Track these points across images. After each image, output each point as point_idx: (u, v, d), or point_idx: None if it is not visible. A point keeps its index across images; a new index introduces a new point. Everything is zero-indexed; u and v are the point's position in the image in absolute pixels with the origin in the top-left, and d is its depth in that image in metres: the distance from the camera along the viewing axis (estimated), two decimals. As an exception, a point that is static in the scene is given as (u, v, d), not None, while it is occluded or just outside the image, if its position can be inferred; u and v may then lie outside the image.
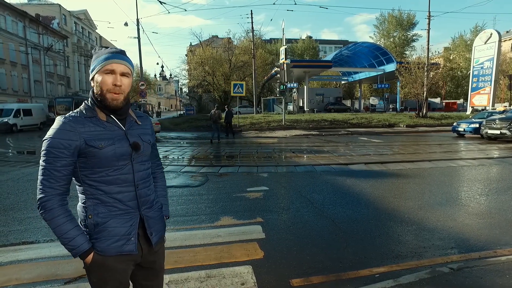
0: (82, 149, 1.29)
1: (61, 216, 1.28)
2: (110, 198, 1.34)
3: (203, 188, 6.15)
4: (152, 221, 1.46)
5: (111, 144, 1.32)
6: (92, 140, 1.30)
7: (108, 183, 1.34)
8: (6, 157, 10.71)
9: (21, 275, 2.89)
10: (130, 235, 1.37)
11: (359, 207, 4.87)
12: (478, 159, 9.06)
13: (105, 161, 1.32)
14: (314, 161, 8.98)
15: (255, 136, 17.22)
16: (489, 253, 3.20)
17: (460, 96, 48.46)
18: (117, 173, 1.34)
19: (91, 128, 1.32)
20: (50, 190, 1.28)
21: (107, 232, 1.33)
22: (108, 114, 1.36)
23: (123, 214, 1.37)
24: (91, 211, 1.34)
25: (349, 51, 37.80)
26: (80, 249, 1.29)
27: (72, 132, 1.28)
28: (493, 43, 25.05)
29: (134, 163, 1.39)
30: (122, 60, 1.34)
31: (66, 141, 1.26)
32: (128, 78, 1.36)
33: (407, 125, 21.12)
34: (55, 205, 1.28)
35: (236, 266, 3.01)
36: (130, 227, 1.38)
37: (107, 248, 1.33)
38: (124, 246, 1.35)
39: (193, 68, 39.48)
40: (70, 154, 1.28)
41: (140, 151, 1.40)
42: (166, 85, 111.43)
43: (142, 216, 1.41)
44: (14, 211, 4.85)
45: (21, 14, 35.91)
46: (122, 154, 1.35)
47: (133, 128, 1.42)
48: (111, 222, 1.34)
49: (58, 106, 29.71)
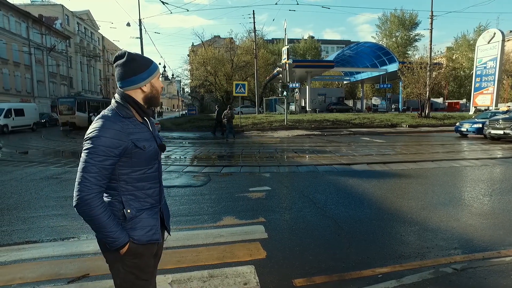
0: (129, 149, 1.40)
1: (104, 213, 1.36)
2: (143, 194, 1.49)
3: (205, 188, 6.16)
4: (165, 213, 1.67)
5: (151, 145, 1.48)
6: (138, 141, 1.43)
7: (142, 180, 1.48)
8: (11, 157, 10.77)
9: (24, 274, 2.91)
10: (156, 226, 1.53)
11: (362, 207, 4.86)
12: (481, 159, 9.02)
13: (146, 160, 1.47)
14: (317, 161, 8.97)
15: (257, 136, 17.22)
16: (493, 254, 3.19)
17: (463, 96, 48.21)
18: (150, 171, 1.50)
19: (134, 130, 1.44)
20: (96, 187, 1.34)
21: (141, 223, 1.47)
22: (143, 116, 1.51)
23: (151, 207, 1.52)
24: (127, 206, 1.45)
25: (351, 51, 37.71)
26: (121, 241, 1.40)
27: (122, 133, 1.38)
28: (497, 43, 24.89)
29: (159, 162, 1.58)
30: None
31: (117, 141, 1.36)
32: None
33: (410, 125, 21.04)
34: (99, 203, 1.35)
35: (239, 266, 3.01)
36: (156, 219, 1.55)
37: (141, 237, 1.46)
38: (154, 235, 1.51)
39: (195, 68, 39.55)
40: (118, 154, 1.38)
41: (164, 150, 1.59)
42: (168, 85, 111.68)
43: (162, 209, 1.61)
44: (18, 210, 4.87)
45: (24, 15, 36.11)
46: (155, 154, 1.52)
47: (153, 129, 1.58)
48: (144, 214, 1.49)
49: (61, 106, 29.78)
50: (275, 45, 53.91)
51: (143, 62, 1.48)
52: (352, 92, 53.82)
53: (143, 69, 1.47)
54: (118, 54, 1.49)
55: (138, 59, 1.47)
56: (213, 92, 41.48)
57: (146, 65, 1.48)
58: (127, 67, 1.45)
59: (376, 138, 15.48)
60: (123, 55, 1.47)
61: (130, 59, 1.45)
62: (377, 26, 53.87)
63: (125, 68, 1.45)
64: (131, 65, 1.45)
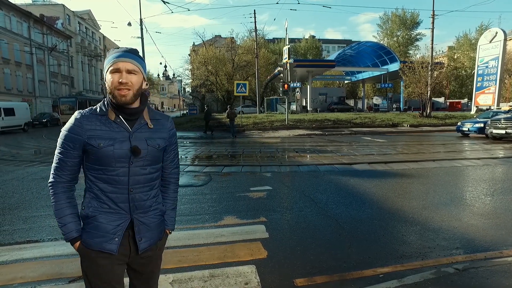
0: (84, 145, 1.36)
1: (62, 201, 1.39)
2: (104, 196, 1.39)
3: (206, 188, 6.16)
4: (144, 227, 1.44)
5: (110, 145, 1.35)
6: (92, 138, 1.35)
7: (103, 181, 1.38)
8: (12, 156, 10.79)
9: (26, 274, 2.91)
10: (114, 235, 1.39)
11: (363, 207, 4.85)
12: (483, 159, 8.99)
13: (103, 160, 1.36)
14: (318, 160, 8.96)
15: (258, 135, 17.21)
16: (495, 254, 3.17)
17: (465, 96, 48.10)
18: (112, 173, 1.37)
19: (97, 127, 1.37)
20: (57, 177, 1.40)
21: (93, 226, 1.39)
22: (117, 114, 1.39)
23: (112, 213, 1.40)
24: (86, 203, 1.41)
25: (353, 50, 37.67)
26: (69, 235, 1.39)
27: (78, 128, 1.35)
28: (498, 42, 24.81)
29: (132, 167, 1.38)
30: (127, 58, 1.35)
31: (73, 135, 1.36)
32: (136, 75, 1.37)
33: (411, 125, 21.00)
34: (60, 190, 1.39)
35: (240, 266, 3.01)
36: (117, 227, 1.40)
37: (90, 241, 1.39)
38: (105, 244, 1.38)
39: (196, 67, 39.57)
40: (75, 148, 1.37)
41: (140, 156, 1.39)
42: (169, 85, 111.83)
43: (133, 220, 1.42)
44: (19, 210, 4.88)
45: (25, 15, 36.19)
46: (120, 156, 1.36)
47: (140, 131, 1.41)
48: (100, 217, 1.39)
49: (62, 106, 29.84)
50: (276, 45, 53.87)
51: (109, 54, 1.38)
52: (353, 91, 53.76)
53: (105, 62, 1.40)
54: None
55: (110, 51, 1.39)
56: (214, 92, 41.49)
57: (107, 57, 1.38)
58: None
59: (377, 137, 15.45)
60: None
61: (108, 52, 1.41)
62: (378, 25, 53.87)
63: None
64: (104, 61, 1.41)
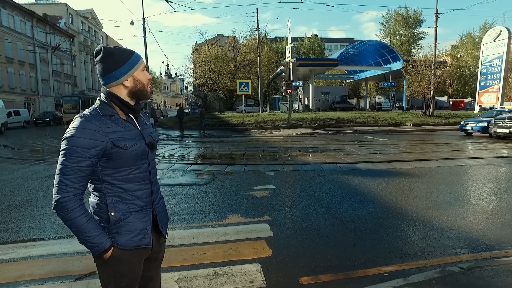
0: (108, 149, 1.31)
1: (82, 216, 1.29)
2: (130, 196, 1.39)
3: (210, 186, 6.17)
4: (161, 216, 1.55)
5: (134, 144, 1.37)
6: (117, 140, 1.33)
7: (129, 182, 1.39)
8: (16, 155, 10.86)
9: (33, 271, 2.94)
10: (146, 230, 1.44)
11: (367, 205, 4.85)
12: (486, 158, 8.95)
13: (129, 161, 1.37)
14: (321, 159, 8.96)
15: (261, 134, 17.22)
16: (500, 253, 3.17)
17: (468, 95, 47.88)
18: (137, 171, 1.41)
19: (114, 128, 1.34)
20: (72, 190, 1.27)
21: (127, 227, 1.39)
22: (127, 113, 1.41)
23: (140, 210, 1.43)
24: (112, 208, 1.36)
25: (355, 49, 37.58)
26: (102, 246, 1.32)
27: (98, 133, 1.29)
28: (503, 41, 24.66)
29: (150, 161, 1.47)
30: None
31: (93, 141, 1.27)
32: None
33: (414, 124, 20.93)
34: (76, 206, 1.28)
35: (245, 264, 3.02)
36: (146, 222, 1.45)
37: (127, 242, 1.38)
38: (142, 240, 1.42)
39: (199, 66, 39.63)
40: (96, 155, 1.29)
41: (155, 150, 1.50)
42: (172, 84, 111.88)
43: (154, 211, 1.49)
44: (25, 208, 4.92)
45: (29, 14, 36.34)
46: (142, 153, 1.41)
47: (144, 128, 1.48)
48: (131, 218, 1.40)
49: (65, 105, 29.97)
50: (279, 44, 53.84)
51: (122, 55, 1.37)
52: (355, 90, 53.65)
53: (122, 63, 1.36)
54: (96, 50, 1.39)
55: (116, 52, 1.37)
56: (217, 91, 41.53)
57: (126, 58, 1.37)
58: (105, 63, 1.35)
59: (380, 136, 15.42)
60: (100, 51, 1.37)
61: (107, 53, 1.35)
62: (381, 24, 53.70)
63: (104, 64, 1.35)
64: (109, 60, 1.35)
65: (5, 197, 5.57)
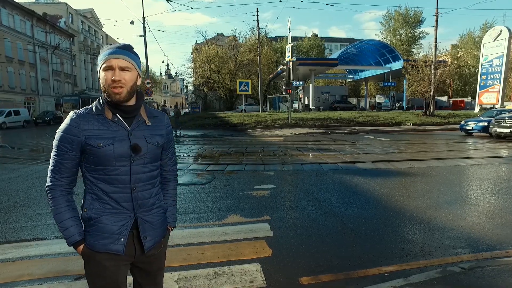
0: (83, 146, 1.33)
1: (61, 205, 1.36)
2: (106, 196, 1.36)
3: (210, 186, 6.16)
4: (148, 226, 1.43)
5: (109, 144, 1.32)
6: (91, 138, 1.31)
7: (104, 182, 1.35)
8: (16, 154, 10.85)
9: (32, 271, 2.93)
10: (120, 235, 1.36)
11: (367, 205, 4.84)
12: (487, 158, 8.95)
13: (103, 160, 1.32)
14: (321, 159, 8.95)
15: (261, 134, 17.21)
16: (501, 253, 3.16)
17: (468, 94, 47.87)
18: (113, 173, 1.34)
19: (95, 126, 1.33)
20: (55, 180, 1.36)
21: (97, 227, 1.36)
22: (114, 113, 1.36)
23: (116, 213, 1.37)
24: (87, 205, 1.37)
25: (355, 49, 37.59)
26: (71, 239, 1.36)
27: (76, 129, 1.32)
28: (503, 40, 24.65)
29: (132, 165, 1.36)
30: (120, 55, 1.31)
31: (70, 136, 1.32)
32: (130, 72, 1.33)
33: (414, 124, 20.93)
34: (58, 194, 1.36)
35: (245, 264, 3.01)
36: (122, 227, 1.37)
37: (95, 243, 1.36)
38: (111, 245, 1.35)
39: (199, 66, 39.62)
40: (73, 149, 1.33)
41: (140, 154, 1.37)
42: (172, 83, 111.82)
43: (137, 219, 1.40)
44: (24, 207, 4.91)
45: (29, 13, 36.32)
46: (120, 155, 1.33)
47: (139, 129, 1.39)
48: (103, 218, 1.35)
49: (65, 104, 29.99)
50: (279, 43, 53.79)
51: (102, 51, 1.35)
52: (355, 90, 53.62)
53: (99, 61, 1.34)
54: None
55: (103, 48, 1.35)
56: (217, 90, 41.52)
57: (100, 54, 1.35)
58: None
59: (380, 136, 15.41)
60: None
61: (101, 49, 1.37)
62: (381, 23, 53.65)
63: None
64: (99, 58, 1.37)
65: (5, 196, 5.56)
